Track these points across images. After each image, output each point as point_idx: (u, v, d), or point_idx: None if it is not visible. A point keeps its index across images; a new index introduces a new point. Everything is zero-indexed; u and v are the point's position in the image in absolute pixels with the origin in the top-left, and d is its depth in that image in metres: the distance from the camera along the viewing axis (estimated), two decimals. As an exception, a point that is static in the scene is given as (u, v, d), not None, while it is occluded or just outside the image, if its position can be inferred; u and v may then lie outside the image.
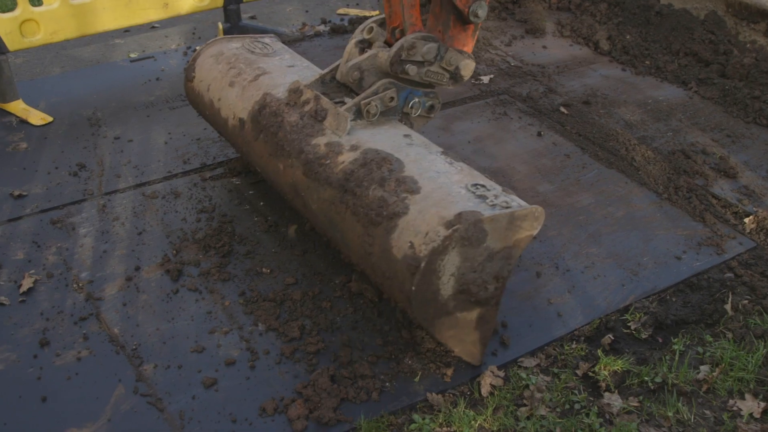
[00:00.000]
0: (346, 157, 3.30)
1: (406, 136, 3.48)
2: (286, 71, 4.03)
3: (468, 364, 3.31)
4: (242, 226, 4.11)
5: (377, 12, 7.15)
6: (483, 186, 3.09)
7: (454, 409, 3.10)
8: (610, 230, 4.21)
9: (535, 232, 3.04)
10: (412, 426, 3.03)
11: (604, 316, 3.63)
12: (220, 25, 6.23)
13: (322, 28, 6.74)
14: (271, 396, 3.14)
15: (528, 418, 3.10)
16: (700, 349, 3.47)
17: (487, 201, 2.97)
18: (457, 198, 2.97)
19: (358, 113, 3.50)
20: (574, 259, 3.98)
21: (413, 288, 2.86)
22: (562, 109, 5.47)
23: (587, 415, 3.11)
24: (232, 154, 4.76)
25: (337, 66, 3.72)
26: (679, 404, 3.18)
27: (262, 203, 4.31)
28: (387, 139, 3.42)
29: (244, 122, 3.84)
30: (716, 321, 3.63)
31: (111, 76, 5.87)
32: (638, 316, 3.62)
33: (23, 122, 5.14)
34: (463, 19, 3.50)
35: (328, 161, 3.33)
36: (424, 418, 3.06)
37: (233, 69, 4.08)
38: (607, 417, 3.12)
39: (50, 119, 5.18)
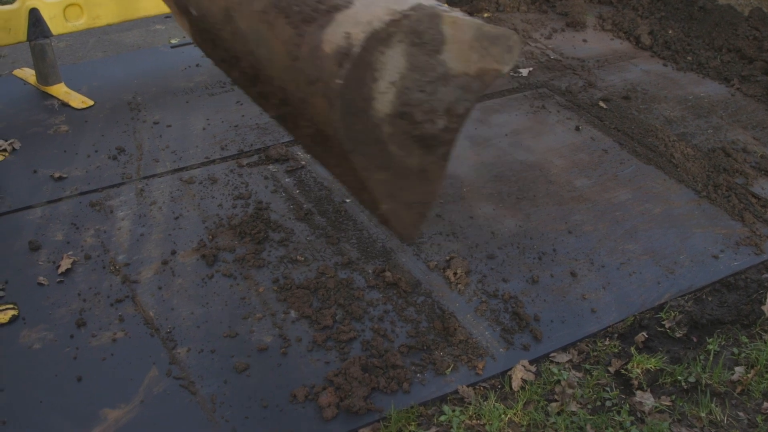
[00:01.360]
0: None
1: None
2: None
3: (499, 359, 3.30)
4: (277, 214, 4.14)
5: None
6: (451, 9, 2.43)
7: (485, 403, 3.10)
8: (646, 227, 4.17)
9: (505, 68, 2.46)
10: (442, 418, 3.03)
11: (638, 313, 3.60)
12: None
13: None
14: (302, 383, 3.16)
15: (558, 413, 3.09)
16: (735, 350, 3.44)
17: (454, 12, 2.37)
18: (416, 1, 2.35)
19: None
20: (610, 255, 3.95)
21: (340, 81, 2.23)
22: (601, 103, 5.42)
23: (618, 412, 3.10)
24: (270, 141, 4.78)
25: None
26: (713, 405, 3.14)
27: (297, 191, 4.33)
28: None
29: None
30: (752, 322, 3.58)
31: (151, 62, 5.92)
32: (673, 314, 3.59)
33: (65, 105, 5.21)
34: None
35: None
36: (454, 411, 3.06)
37: None
38: (639, 415, 3.10)
39: (91, 103, 5.24)
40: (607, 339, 3.47)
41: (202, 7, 3.12)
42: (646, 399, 3.17)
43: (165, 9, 5.55)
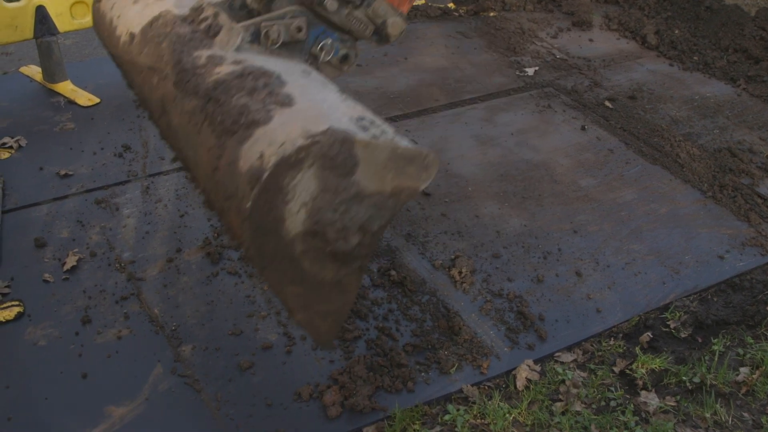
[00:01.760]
0: (225, 69, 2.71)
1: (305, 71, 2.85)
2: None
3: (504, 359, 3.31)
4: (283, 212, 4.13)
5: None
6: (371, 121, 2.48)
7: (489, 402, 3.10)
8: (652, 227, 4.16)
9: (422, 185, 2.43)
10: (446, 417, 3.03)
11: (643, 313, 3.60)
12: None
13: None
14: (307, 381, 3.16)
15: (563, 413, 3.08)
16: (740, 351, 3.43)
17: (369, 132, 2.40)
18: (335, 119, 2.37)
19: (256, 36, 2.91)
20: (615, 255, 3.94)
21: (249, 205, 2.26)
22: (607, 103, 5.41)
23: (623, 412, 3.09)
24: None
25: None
26: (717, 405, 3.14)
27: (303, 189, 4.33)
28: (281, 65, 2.80)
29: (134, 36, 3.26)
30: (758, 323, 3.58)
31: (157, 59, 5.92)
32: (678, 314, 3.58)
33: (71, 103, 5.21)
34: None
35: (203, 71, 2.74)
36: (458, 410, 3.06)
37: None
38: (643, 415, 3.10)
39: (97, 100, 5.24)
40: (612, 339, 3.47)
41: (143, 92, 3.20)
42: (650, 399, 3.16)
43: (171, 7, 5.56)
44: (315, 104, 2.46)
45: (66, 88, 5.34)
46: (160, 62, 2.96)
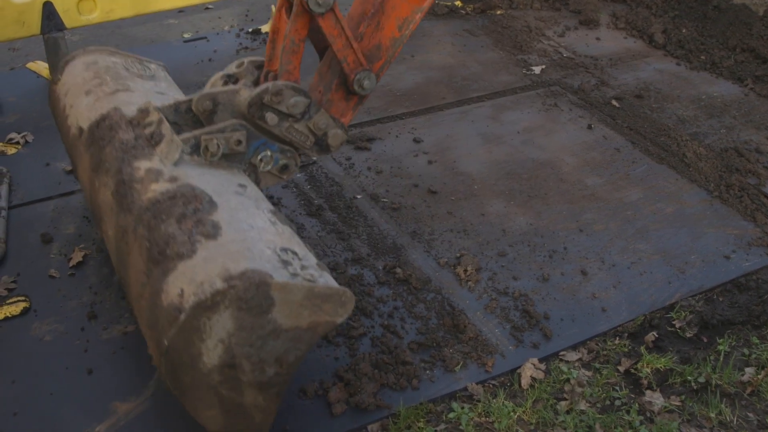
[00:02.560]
0: (160, 187, 2.81)
1: (240, 185, 2.98)
2: (151, 95, 3.56)
3: (509, 357, 3.31)
4: (288, 209, 4.14)
5: None
6: (294, 254, 2.62)
7: (494, 400, 3.10)
8: (658, 226, 4.16)
9: (339, 320, 2.55)
10: (451, 415, 3.03)
11: (648, 312, 3.59)
12: (273, 8, 6.25)
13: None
14: (312, 378, 3.16)
15: (567, 412, 3.08)
16: (745, 351, 3.42)
17: (290, 268, 2.51)
18: (256, 256, 2.48)
19: (196, 148, 3.00)
20: (621, 254, 3.94)
21: (166, 343, 2.39)
22: (614, 102, 5.40)
23: (628, 412, 3.09)
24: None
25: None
26: (722, 405, 3.14)
27: (308, 186, 4.33)
28: (216, 181, 2.92)
29: (83, 132, 3.37)
30: (764, 323, 3.57)
31: (164, 56, 5.90)
32: (683, 314, 3.58)
33: (78, 99, 5.22)
34: (347, 87, 3.15)
35: (139, 186, 2.86)
36: (462, 408, 3.06)
37: (97, 79, 3.60)
38: (648, 415, 3.10)
39: (104, 96, 5.25)
40: (617, 338, 3.46)
41: (86, 191, 3.32)
42: (655, 399, 3.16)
43: (178, 3, 5.57)
44: (239, 236, 2.56)
45: (73, 84, 5.34)
46: (102, 167, 3.08)
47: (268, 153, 3.17)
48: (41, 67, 5.58)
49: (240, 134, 3.05)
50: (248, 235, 2.59)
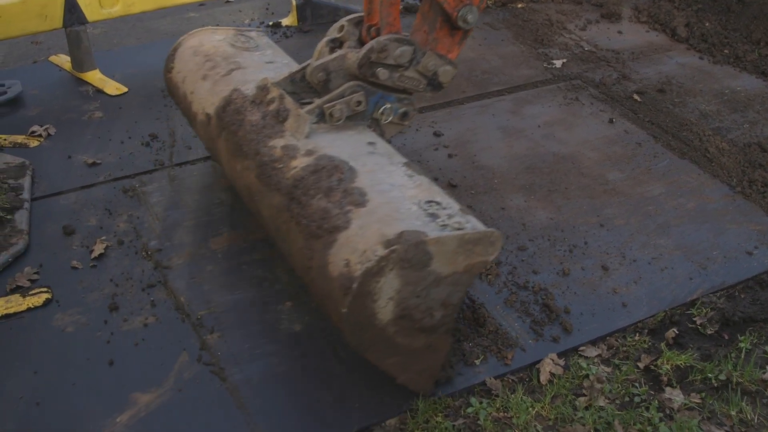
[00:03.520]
0: (299, 162, 3.06)
1: (370, 143, 3.23)
2: (262, 67, 3.80)
3: (529, 351, 3.30)
4: (308, 202, 4.14)
5: None
6: (438, 204, 2.83)
7: (512, 395, 3.09)
8: (679, 222, 4.13)
9: (490, 258, 2.77)
10: (469, 410, 3.03)
11: (669, 309, 3.57)
12: (294, 1, 6.26)
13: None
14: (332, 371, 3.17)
15: (586, 408, 3.07)
16: (767, 349, 3.40)
17: (438, 221, 2.71)
18: (405, 215, 2.72)
19: (321, 116, 3.25)
20: (642, 249, 3.91)
21: (345, 310, 2.61)
22: (636, 96, 5.37)
23: (647, 408, 3.08)
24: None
25: (309, 65, 3.42)
26: (743, 403, 3.12)
27: (328, 180, 4.33)
28: (347, 145, 3.17)
29: (210, 118, 3.63)
30: (786, 320, 3.54)
31: (185, 49, 5.95)
32: (705, 311, 3.56)
33: (99, 92, 5.25)
34: (451, 24, 3.23)
35: (281, 165, 3.10)
36: (481, 403, 3.06)
37: (209, 62, 3.86)
38: (668, 412, 3.08)
39: (125, 89, 5.28)
40: (637, 334, 3.45)
41: (228, 173, 3.63)
42: (675, 396, 3.14)
43: (199, -3, 5.59)
44: (385, 198, 2.82)
45: (94, 77, 5.38)
46: (240, 152, 3.35)
47: (388, 105, 3.38)
48: (63, 60, 5.62)
49: (359, 95, 3.29)
50: (392, 196, 2.84)
